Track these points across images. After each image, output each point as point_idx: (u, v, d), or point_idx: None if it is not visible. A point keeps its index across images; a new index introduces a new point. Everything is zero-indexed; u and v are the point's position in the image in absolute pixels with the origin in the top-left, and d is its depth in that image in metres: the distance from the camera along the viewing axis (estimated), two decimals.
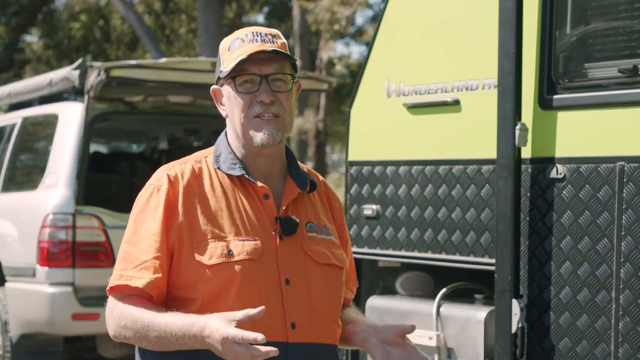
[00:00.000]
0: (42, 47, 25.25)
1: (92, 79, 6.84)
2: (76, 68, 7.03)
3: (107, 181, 8.23)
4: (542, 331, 3.82)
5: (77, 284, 6.63)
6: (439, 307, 4.21)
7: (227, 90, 2.47)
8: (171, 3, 23.86)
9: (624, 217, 3.57)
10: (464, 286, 4.31)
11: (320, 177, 2.63)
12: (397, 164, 4.44)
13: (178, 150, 8.74)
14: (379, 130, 4.55)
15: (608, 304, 3.60)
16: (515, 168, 3.85)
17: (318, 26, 19.74)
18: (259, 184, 2.45)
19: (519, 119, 3.86)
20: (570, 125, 3.79)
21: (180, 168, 2.48)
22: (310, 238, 2.48)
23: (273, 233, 2.43)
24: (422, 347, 4.20)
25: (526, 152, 3.88)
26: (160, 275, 2.38)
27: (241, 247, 2.39)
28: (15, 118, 7.88)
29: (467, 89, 4.16)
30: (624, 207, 3.57)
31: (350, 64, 23.03)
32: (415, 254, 4.34)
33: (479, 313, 4.06)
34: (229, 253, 2.38)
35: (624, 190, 3.57)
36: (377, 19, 4.94)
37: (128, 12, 17.82)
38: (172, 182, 2.43)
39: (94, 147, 8.91)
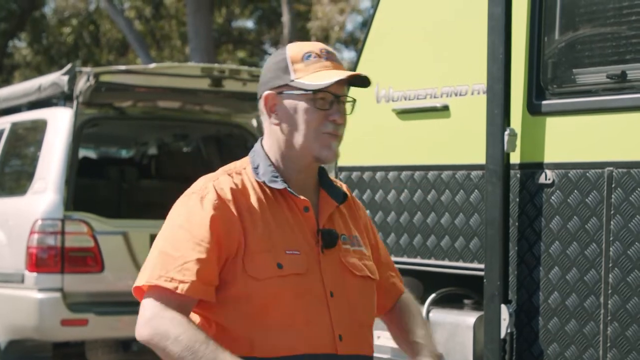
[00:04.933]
0: (31, 52, 25.20)
1: (82, 84, 6.82)
2: (65, 73, 7.02)
3: (96, 186, 8.22)
4: (531, 336, 3.82)
5: (65, 289, 6.61)
6: (428, 312, 4.21)
7: (292, 101, 2.43)
8: (161, 8, 23.84)
9: (612, 222, 3.58)
10: (453, 291, 4.31)
11: (345, 186, 2.64)
12: (386, 169, 4.44)
13: (167, 156, 8.75)
14: (369, 135, 4.56)
15: (596, 309, 3.61)
16: (504, 173, 3.86)
17: (313, 37, 19.73)
18: (301, 197, 2.44)
19: (508, 124, 3.87)
20: (559, 130, 3.80)
21: (225, 180, 2.42)
22: (345, 250, 2.49)
23: (315, 246, 2.43)
24: None
25: (515, 158, 3.89)
26: (206, 277, 2.31)
27: (289, 261, 2.37)
28: (4, 123, 7.86)
29: (456, 95, 4.16)
30: (612, 212, 3.58)
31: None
32: (404, 259, 4.34)
33: (468, 318, 4.06)
34: (279, 267, 2.36)
35: (613, 196, 3.58)
36: (366, 24, 4.94)
37: (118, 17, 17.82)
38: (219, 193, 2.38)
39: (83, 153, 8.89)
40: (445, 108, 4.19)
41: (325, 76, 2.41)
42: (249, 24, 26.95)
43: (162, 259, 2.34)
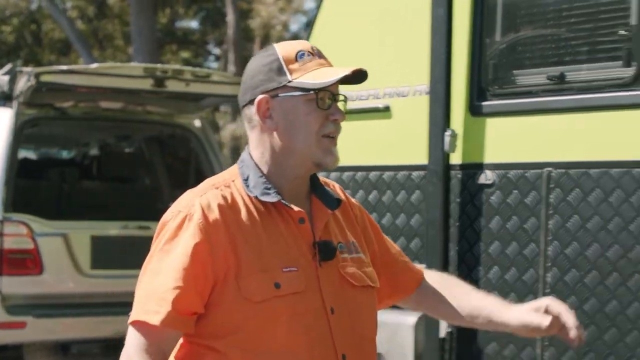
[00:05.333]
0: None
1: (22, 84, 6.74)
2: (5, 73, 6.93)
3: (37, 188, 8.11)
4: (470, 336, 3.85)
5: (4, 292, 6.52)
6: None
7: (290, 103, 2.26)
8: (105, 8, 23.64)
9: (550, 222, 3.62)
10: None
11: (337, 186, 2.49)
12: (329, 170, 4.45)
13: (109, 157, 8.66)
14: None
15: None
16: (444, 174, 3.88)
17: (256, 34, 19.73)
18: (296, 208, 2.27)
19: (449, 125, 3.89)
20: (499, 131, 3.84)
21: (212, 194, 2.24)
22: (343, 260, 2.34)
23: (312, 260, 2.28)
24: None
25: (456, 158, 3.92)
26: (183, 307, 2.17)
27: (287, 279, 2.21)
28: None
29: (398, 96, 4.18)
30: (550, 212, 3.62)
31: None
32: None
33: (409, 318, 4.08)
34: (277, 287, 2.20)
35: (551, 196, 3.62)
36: (310, 25, 4.94)
37: (60, 17, 17.62)
38: (206, 211, 2.21)
39: (23, 153, 8.77)
40: (387, 109, 4.20)
41: (324, 74, 2.28)
42: (193, 24, 26.83)
43: (146, 289, 2.21)
